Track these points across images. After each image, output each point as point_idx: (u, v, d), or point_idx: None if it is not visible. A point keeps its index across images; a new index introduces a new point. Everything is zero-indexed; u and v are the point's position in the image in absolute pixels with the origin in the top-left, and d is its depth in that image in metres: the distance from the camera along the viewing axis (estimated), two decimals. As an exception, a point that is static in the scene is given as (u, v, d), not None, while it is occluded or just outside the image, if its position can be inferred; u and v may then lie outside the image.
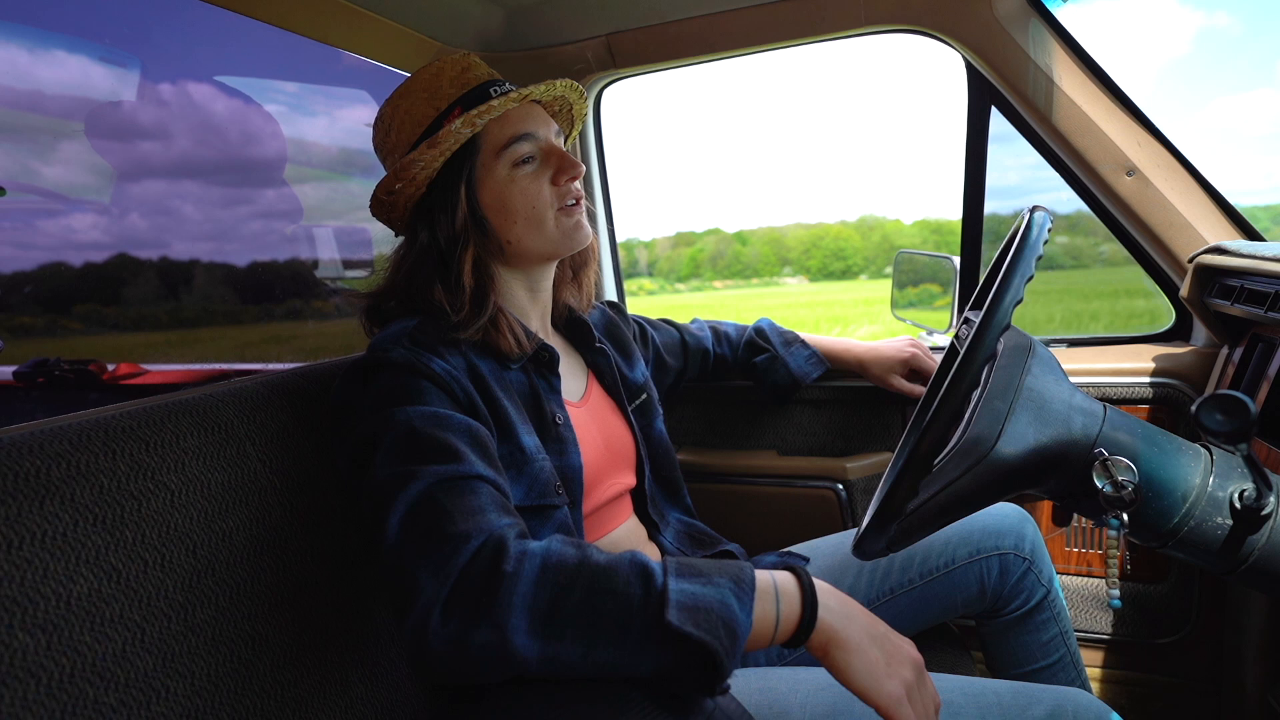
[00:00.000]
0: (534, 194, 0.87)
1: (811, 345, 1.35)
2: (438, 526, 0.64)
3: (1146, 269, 1.28)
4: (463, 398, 0.78)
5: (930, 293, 1.61)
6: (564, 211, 0.88)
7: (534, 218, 0.87)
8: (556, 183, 0.88)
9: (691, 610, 0.59)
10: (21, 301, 2.61)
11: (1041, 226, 0.69)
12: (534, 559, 0.62)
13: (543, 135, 0.88)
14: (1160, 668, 1.28)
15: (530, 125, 0.87)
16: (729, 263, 61.87)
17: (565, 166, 0.87)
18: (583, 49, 1.46)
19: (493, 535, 0.63)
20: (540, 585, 0.60)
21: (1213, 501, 0.67)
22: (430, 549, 0.63)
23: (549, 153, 0.88)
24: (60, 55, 2.00)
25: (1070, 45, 1.20)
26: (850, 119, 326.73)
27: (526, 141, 0.86)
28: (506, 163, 0.86)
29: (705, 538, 1.06)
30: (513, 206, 0.86)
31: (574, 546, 0.64)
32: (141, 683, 0.62)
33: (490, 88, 0.88)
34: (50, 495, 0.60)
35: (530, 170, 0.87)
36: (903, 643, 0.65)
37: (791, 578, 0.66)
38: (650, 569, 0.62)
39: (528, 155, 0.87)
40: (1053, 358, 0.77)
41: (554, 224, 0.88)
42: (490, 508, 0.67)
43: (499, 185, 0.86)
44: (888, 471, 0.84)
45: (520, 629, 0.59)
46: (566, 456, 0.87)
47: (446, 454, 0.69)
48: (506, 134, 0.86)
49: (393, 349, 0.78)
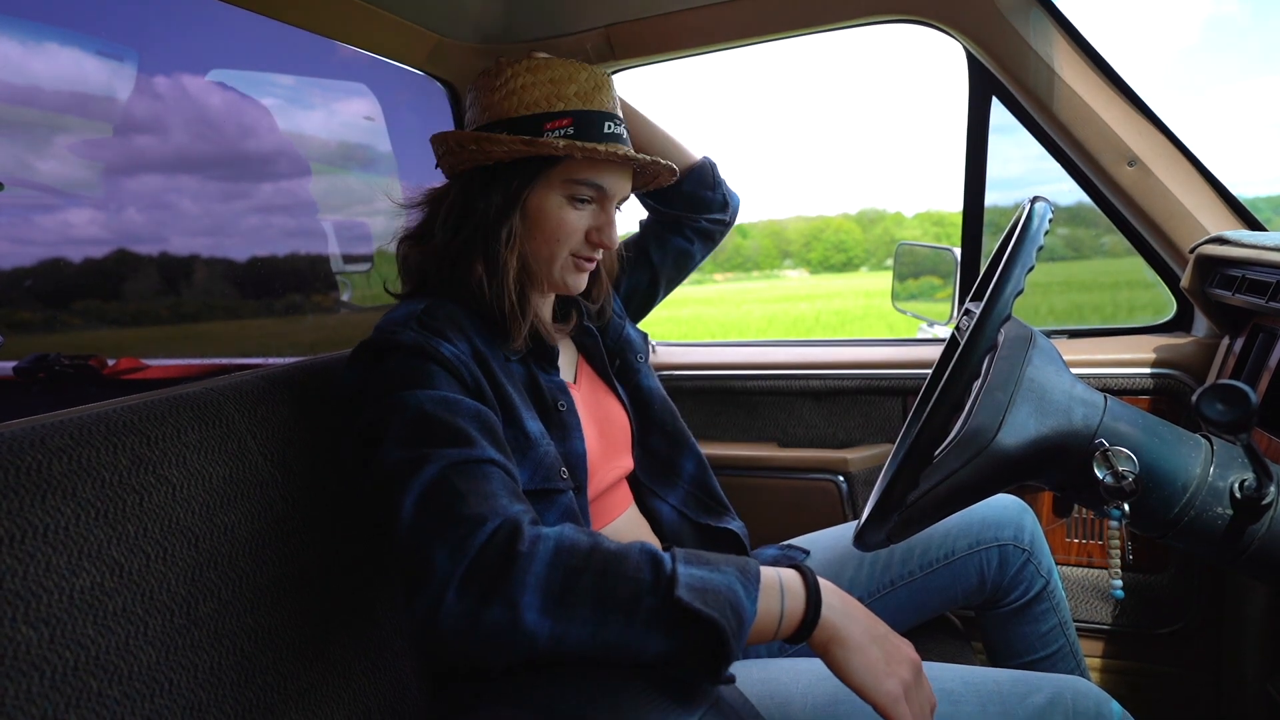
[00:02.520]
0: (569, 229, 0.88)
1: None
2: (453, 508, 0.65)
3: (1147, 259, 1.28)
4: (470, 382, 0.79)
5: (931, 284, 1.61)
6: (576, 263, 0.90)
7: (552, 247, 0.88)
8: (589, 237, 0.89)
9: (700, 591, 0.61)
10: (21, 296, 2.60)
11: (1042, 217, 0.68)
12: (548, 541, 0.63)
13: (612, 192, 0.89)
14: (1160, 658, 1.29)
15: (608, 180, 0.88)
16: (729, 256, 61.78)
17: (606, 233, 0.89)
18: (581, 40, 1.45)
19: (508, 518, 0.64)
20: (553, 566, 0.61)
21: (1213, 491, 0.67)
22: (446, 530, 0.63)
23: (605, 209, 0.90)
24: (57, 49, 2.00)
25: (1071, 34, 1.19)
26: (851, 111, 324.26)
27: (595, 189, 0.87)
28: (567, 192, 0.87)
29: (714, 503, 1.05)
30: (545, 227, 0.87)
31: (585, 534, 0.65)
32: (144, 676, 0.62)
33: (606, 122, 0.88)
34: (52, 489, 0.60)
35: (581, 210, 0.88)
36: (902, 643, 0.66)
37: (797, 575, 0.67)
38: (659, 556, 0.64)
39: (589, 198, 0.88)
40: (1053, 348, 0.77)
41: (561, 263, 0.89)
42: (503, 492, 0.68)
43: (548, 204, 0.87)
44: (888, 463, 0.85)
45: (532, 606, 0.60)
46: (570, 442, 0.88)
47: (458, 438, 0.70)
48: (586, 174, 0.86)
49: (401, 331, 0.78)
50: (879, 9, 1.27)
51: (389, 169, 1.93)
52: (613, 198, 0.89)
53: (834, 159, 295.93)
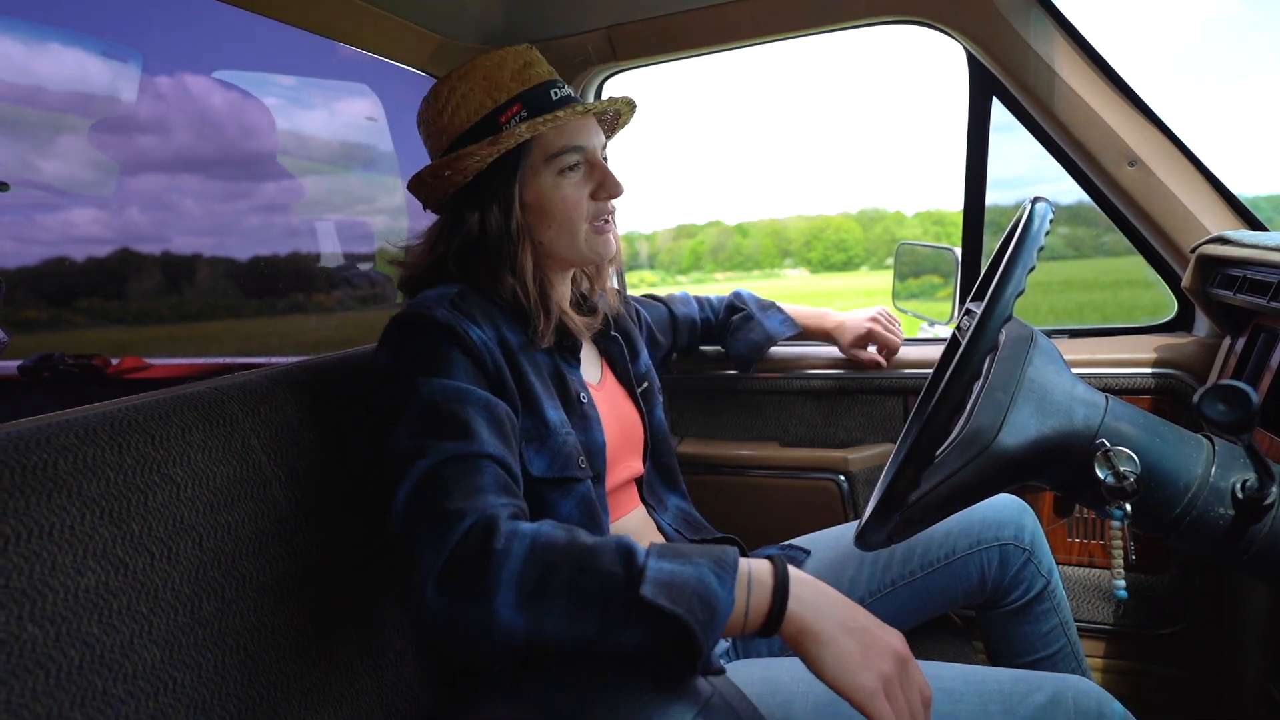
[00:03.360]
0: (574, 203, 0.89)
1: (786, 312, 1.41)
2: (438, 502, 0.67)
3: (1148, 259, 1.28)
4: (492, 369, 0.80)
5: (931, 283, 1.61)
6: (596, 226, 0.91)
7: (568, 226, 0.89)
8: (596, 197, 0.90)
9: (667, 585, 0.61)
10: (26, 296, 2.61)
11: (1043, 218, 0.68)
12: (523, 539, 0.64)
13: (591, 147, 0.90)
14: (1161, 658, 1.29)
15: (583, 137, 0.89)
16: (730, 255, 61.73)
17: (608, 184, 0.90)
18: (583, 41, 1.45)
19: (485, 514, 0.66)
20: (528, 563, 0.63)
21: (1215, 492, 0.67)
22: (428, 524, 0.66)
23: (595, 165, 0.90)
24: (63, 50, 2.00)
25: (1071, 35, 1.19)
26: (851, 110, 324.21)
27: (576, 152, 0.88)
28: (554, 169, 0.88)
29: (701, 526, 1.07)
30: (552, 211, 0.88)
31: (564, 529, 0.67)
32: (149, 674, 0.62)
33: (551, 90, 0.89)
34: (58, 489, 0.60)
35: (575, 179, 0.89)
36: (886, 634, 0.64)
37: (767, 566, 0.66)
38: (634, 550, 0.64)
39: (575, 164, 0.89)
40: (1054, 348, 0.77)
41: (584, 235, 0.90)
42: (490, 488, 0.69)
43: (543, 188, 0.88)
44: (889, 463, 0.85)
45: (507, 603, 0.61)
46: (590, 433, 0.89)
47: (461, 431, 0.72)
48: (560, 143, 0.87)
49: (436, 308, 0.80)
50: (879, 10, 1.27)
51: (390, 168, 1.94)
52: (593, 151, 0.90)
53: (834, 158, 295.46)
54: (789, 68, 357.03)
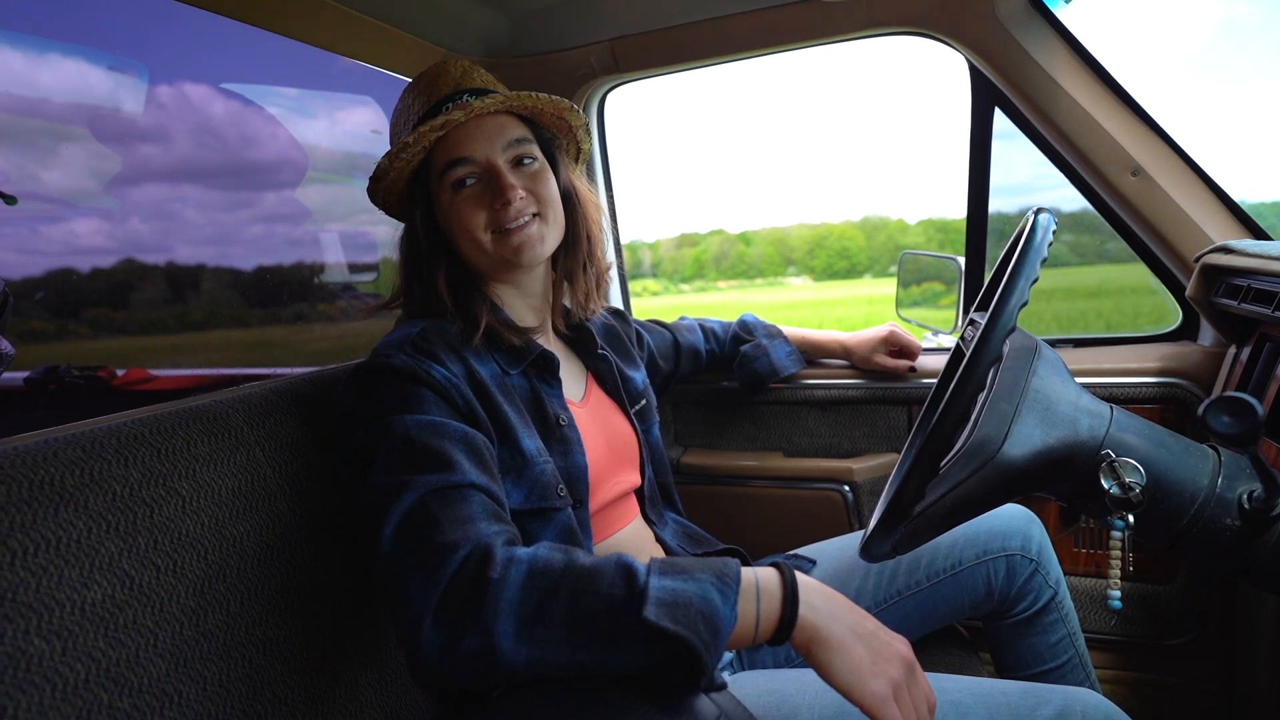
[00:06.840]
0: (469, 217, 0.86)
1: (794, 342, 1.41)
2: (428, 536, 0.65)
3: (1152, 268, 1.28)
4: (462, 405, 0.79)
5: (935, 291, 1.61)
6: (501, 236, 0.86)
7: (472, 240, 0.87)
8: (493, 205, 0.85)
9: (670, 606, 0.60)
10: (32, 307, 2.62)
11: (1046, 229, 0.69)
12: (520, 565, 0.63)
13: (481, 156, 0.85)
14: (1170, 669, 1.28)
15: (468, 148, 0.85)
16: (733, 263, 61.80)
17: (497, 190, 0.85)
18: (586, 54, 1.46)
19: (479, 544, 0.64)
20: (526, 590, 0.61)
21: (1221, 503, 0.67)
22: (420, 559, 0.64)
23: (494, 175, 0.86)
24: (70, 64, 2.02)
25: (1073, 45, 1.20)
26: (854, 119, 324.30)
27: (462, 165, 0.85)
28: (448, 184, 0.86)
29: (702, 539, 1.06)
30: (453, 228, 0.88)
31: (561, 551, 0.65)
32: (154, 688, 0.62)
33: (445, 105, 0.86)
34: (64, 502, 0.61)
35: (471, 192, 0.86)
36: (893, 640, 0.65)
37: (775, 574, 0.66)
38: (634, 569, 0.63)
39: (464, 178, 0.86)
40: (1059, 359, 0.77)
41: (491, 246, 0.87)
42: (480, 516, 0.68)
43: (444, 207, 0.88)
44: (894, 473, 0.84)
45: (508, 634, 0.60)
46: (571, 456, 0.88)
47: (441, 463, 0.71)
48: (444, 157, 0.86)
49: (395, 355, 0.79)
50: (882, 21, 1.28)
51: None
52: (484, 161, 0.86)
53: (838, 166, 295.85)
54: (792, 77, 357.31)
